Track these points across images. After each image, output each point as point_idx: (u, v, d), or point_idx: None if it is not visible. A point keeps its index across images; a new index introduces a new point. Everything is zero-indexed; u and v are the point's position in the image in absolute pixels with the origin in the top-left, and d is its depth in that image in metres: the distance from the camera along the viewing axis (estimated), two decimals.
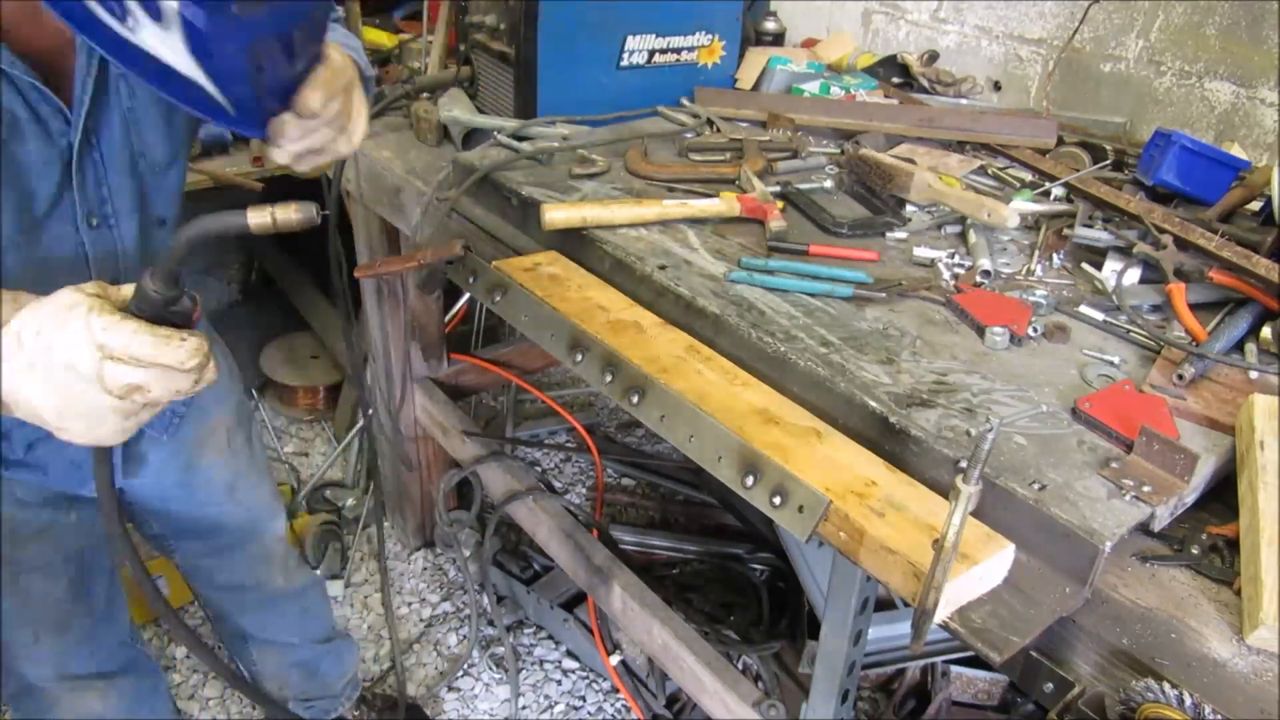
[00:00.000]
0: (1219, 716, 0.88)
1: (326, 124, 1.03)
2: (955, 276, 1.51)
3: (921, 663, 1.98)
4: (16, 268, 1.11)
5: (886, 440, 1.13)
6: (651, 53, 2.13)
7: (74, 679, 1.58)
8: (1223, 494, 1.13)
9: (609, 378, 1.25)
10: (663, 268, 1.44)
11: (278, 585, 1.89)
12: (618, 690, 2.33)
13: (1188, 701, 0.88)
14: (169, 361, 0.82)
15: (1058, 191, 1.86)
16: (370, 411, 2.60)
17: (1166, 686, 0.90)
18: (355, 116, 1.09)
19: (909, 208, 1.74)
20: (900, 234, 1.66)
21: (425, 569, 2.79)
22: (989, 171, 1.97)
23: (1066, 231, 1.68)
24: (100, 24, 0.83)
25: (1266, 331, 1.39)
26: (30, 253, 1.12)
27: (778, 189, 1.77)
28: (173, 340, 0.82)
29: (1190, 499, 1.10)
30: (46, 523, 1.41)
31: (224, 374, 1.61)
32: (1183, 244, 1.56)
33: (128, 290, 0.85)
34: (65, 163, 1.12)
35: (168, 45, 0.84)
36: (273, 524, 1.82)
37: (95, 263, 1.20)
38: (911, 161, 1.86)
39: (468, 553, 2.53)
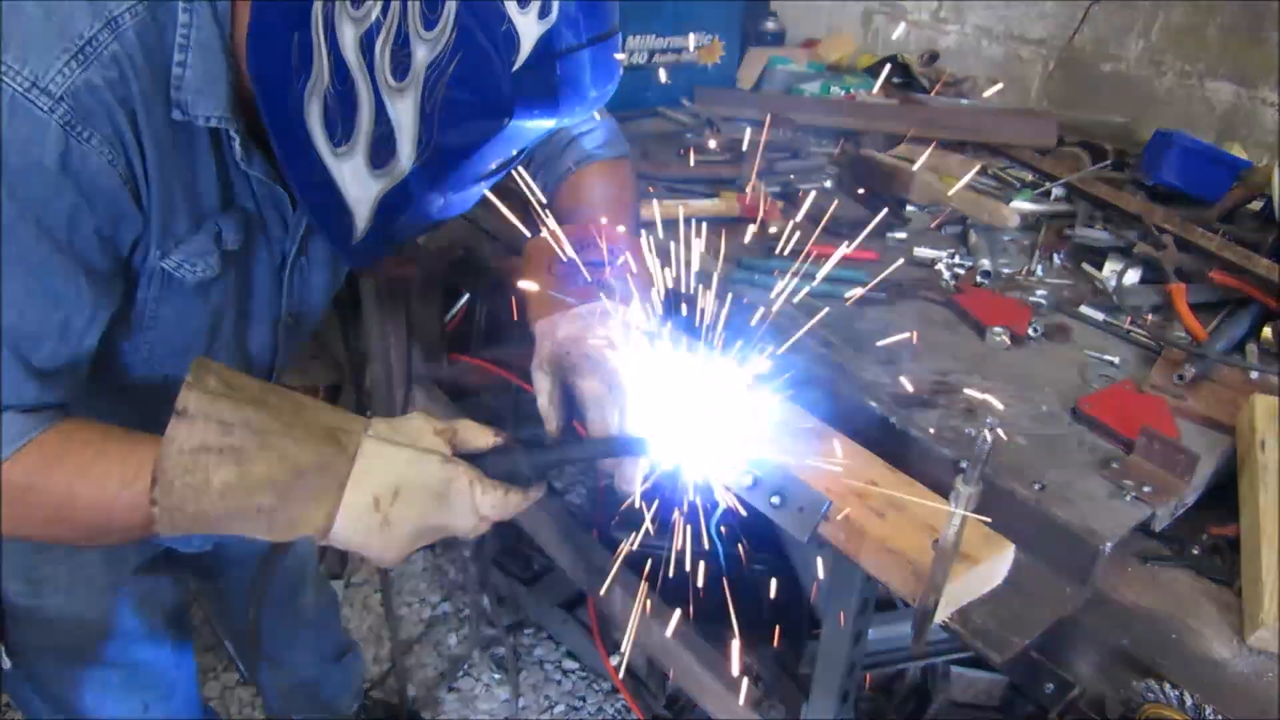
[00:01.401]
0: (1219, 717, 0.88)
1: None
2: (955, 276, 1.51)
3: (921, 663, 1.97)
4: (222, 359, 1.07)
5: (886, 440, 1.13)
6: (651, 53, 2.13)
7: None
8: (1223, 494, 1.13)
9: None
10: (662, 268, 1.44)
11: (307, 601, 1.88)
12: (618, 690, 2.33)
13: (1188, 702, 0.88)
14: (521, 512, 0.92)
15: (1058, 191, 1.86)
16: (370, 412, 2.60)
17: (1167, 687, 0.90)
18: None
19: (909, 208, 1.74)
20: (900, 234, 1.66)
21: (425, 569, 2.79)
22: (989, 171, 1.97)
23: (1067, 231, 1.68)
24: (304, 134, 0.88)
25: (1267, 331, 1.39)
26: (235, 346, 1.12)
27: (778, 189, 1.77)
28: (535, 497, 0.93)
29: (1190, 499, 1.10)
30: (148, 589, 1.38)
31: None
32: (1183, 244, 1.56)
33: (465, 439, 0.91)
34: (276, 268, 1.10)
35: (360, 182, 0.90)
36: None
37: (282, 349, 1.20)
38: (912, 161, 1.86)
39: (468, 553, 2.52)
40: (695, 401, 0.96)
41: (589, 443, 0.97)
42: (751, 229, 1.61)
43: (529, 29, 0.82)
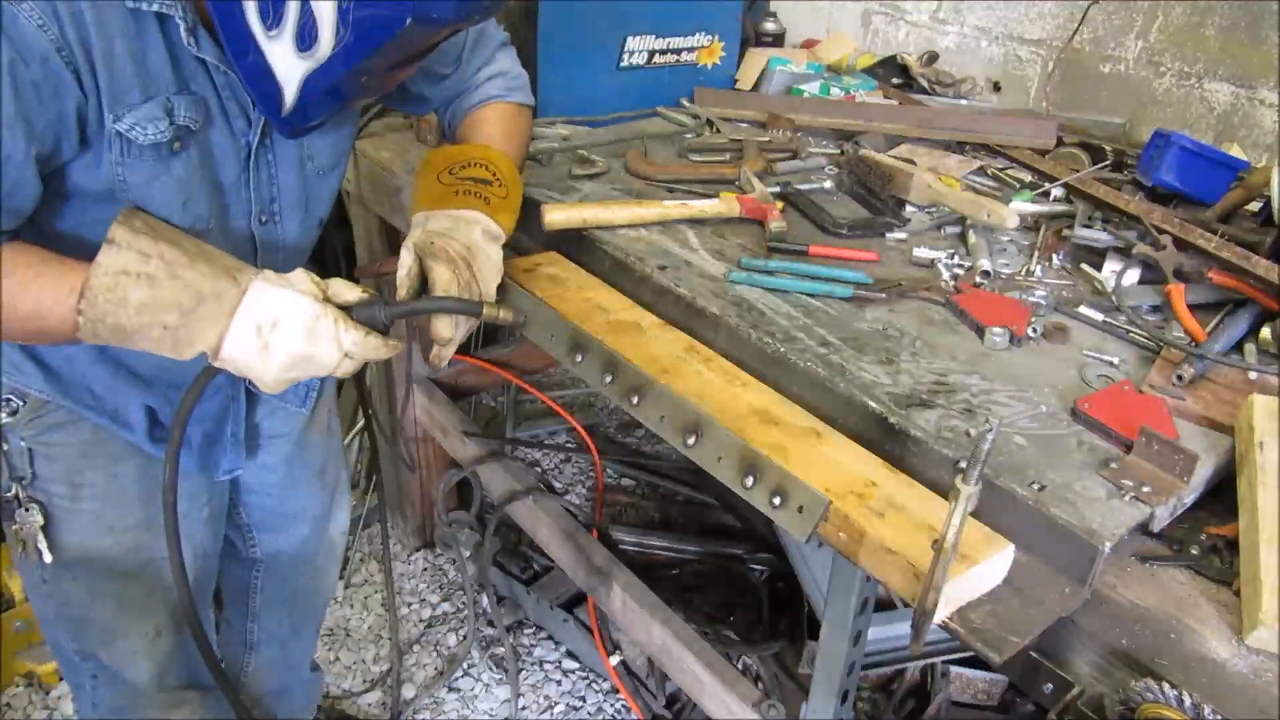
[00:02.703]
0: (1218, 717, 0.88)
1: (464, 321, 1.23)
2: (955, 277, 1.51)
3: (921, 663, 1.97)
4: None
5: (886, 440, 1.13)
6: (651, 53, 2.14)
7: (171, 689, 1.54)
8: (1222, 494, 1.13)
9: (609, 378, 1.25)
10: (663, 268, 1.44)
11: (315, 605, 1.88)
12: (618, 690, 2.33)
13: (1187, 702, 0.89)
14: (380, 358, 1.11)
15: (1057, 192, 1.86)
16: (370, 412, 2.60)
17: (1166, 687, 0.90)
18: (482, 276, 1.24)
19: (909, 208, 1.74)
20: (900, 234, 1.66)
21: (425, 569, 2.79)
22: (989, 172, 1.97)
23: (1066, 232, 1.68)
24: (241, 19, 1.03)
25: (1266, 332, 1.39)
26: (218, 239, 1.18)
27: (778, 189, 1.77)
28: (395, 348, 1.11)
29: (1190, 499, 1.10)
30: (179, 514, 1.42)
31: None
32: (1182, 244, 1.56)
33: (337, 291, 1.09)
34: (243, 160, 1.20)
35: (287, 62, 1.05)
36: (339, 515, 1.82)
37: (261, 255, 1.28)
38: (911, 162, 1.86)
39: (467, 553, 2.53)
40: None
41: (434, 300, 1.18)
42: (751, 229, 1.62)
43: None
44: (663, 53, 2.15)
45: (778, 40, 2.66)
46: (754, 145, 1.93)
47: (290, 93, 1.08)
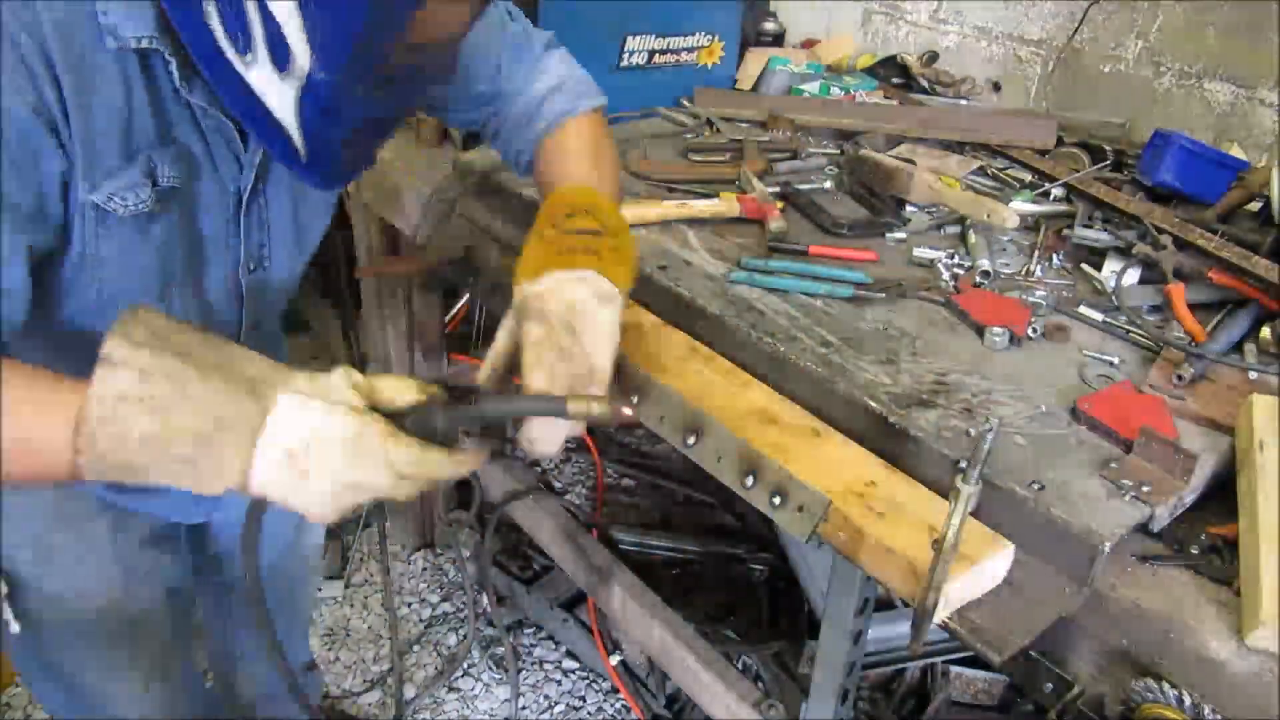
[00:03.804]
0: (1218, 716, 0.88)
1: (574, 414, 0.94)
2: (955, 277, 1.51)
3: (921, 663, 1.98)
4: (179, 309, 1.07)
5: (886, 440, 1.13)
6: (651, 53, 2.13)
7: None
8: (1222, 494, 1.13)
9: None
10: (663, 268, 1.44)
11: (300, 607, 1.86)
12: (618, 690, 2.33)
13: (1187, 701, 0.89)
14: (450, 477, 0.88)
15: (1057, 192, 1.86)
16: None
17: (1166, 686, 0.90)
18: (589, 344, 0.99)
19: (909, 208, 1.74)
20: (900, 234, 1.66)
21: (425, 569, 2.79)
22: (989, 172, 1.97)
23: (1066, 232, 1.68)
24: (215, 46, 0.87)
25: (1266, 332, 1.39)
26: (192, 292, 1.10)
27: (778, 189, 1.77)
28: (464, 463, 0.88)
29: (1190, 499, 1.10)
30: (151, 565, 1.37)
31: None
32: (1182, 244, 1.56)
33: (386, 393, 0.87)
34: (234, 208, 1.08)
35: (276, 90, 0.89)
36: (310, 531, 1.78)
37: (249, 302, 1.18)
38: (911, 162, 1.86)
39: (467, 553, 2.53)
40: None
41: (509, 399, 0.95)
42: (751, 229, 1.62)
43: None
44: (663, 53, 2.15)
45: (778, 40, 2.66)
46: (754, 145, 1.93)
47: (292, 127, 0.93)
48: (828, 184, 1.84)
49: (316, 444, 0.82)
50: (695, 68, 2.22)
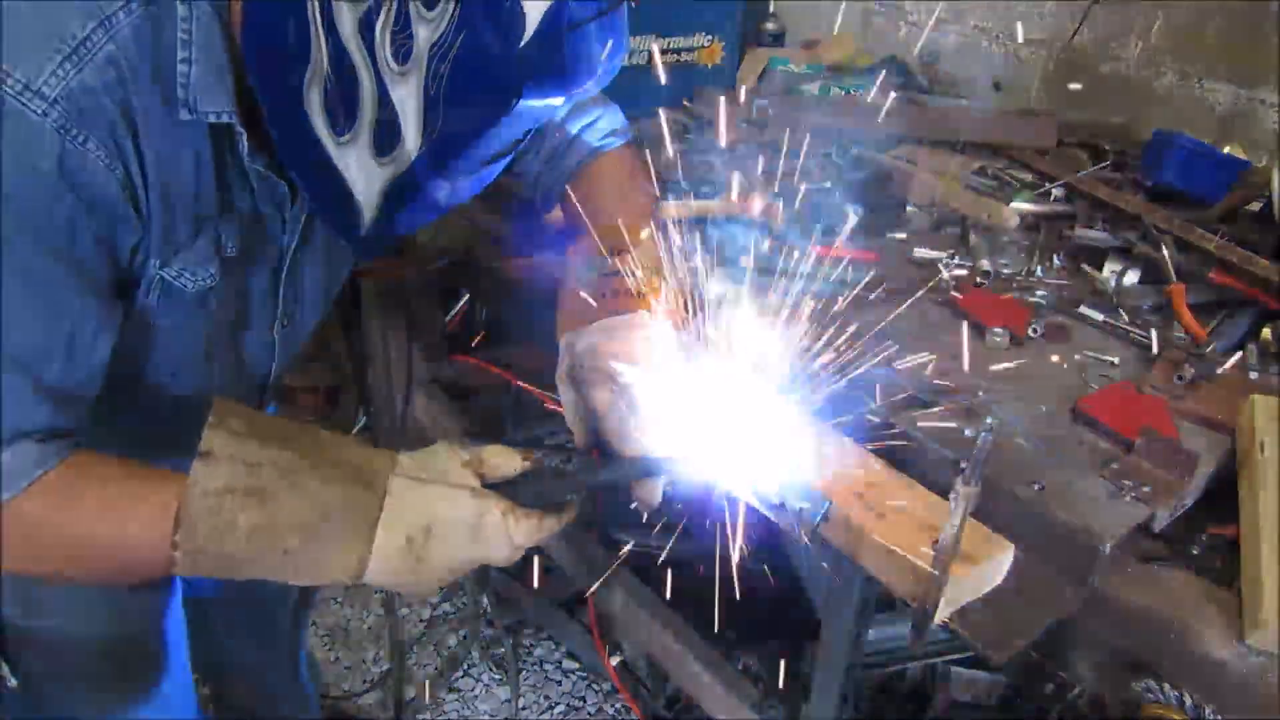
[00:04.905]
0: (1218, 717, 0.88)
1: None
2: (955, 277, 1.51)
3: (921, 663, 1.97)
4: (219, 368, 1.07)
5: (886, 440, 1.13)
6: (651, 53, 2.13)
7: None
8: (1223, 494, 1.13)
9: None
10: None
11: (281, 627, 1.86)
12: (618, 691, 2.33)
13: (1188, 702, 0.89)
14: (554, 532, 0.91)
15: (1058, 192, 1.86)
16: (371, 411, 2.60)
17: (1166, 687, 0.90)
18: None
19: (909, 208, 1.74)
20: (900, 234, 1.66)
21: None
22: (989, 172, 1.97)
23: (1066, 232, 1.68)
24: (302, 123, 0.85)
25: (1267, 332, 1.39)
26: (233, 352, 1.09)
27: (777, 189, 1.77)
28: (569, 519, 0.92)
29: (1190, 499, 1.10)
30: (140, 600, 1.33)
31: None
32: (1183, 244, 1.56)
33: (494, 465, 0.89)
34: (275, 267, 1.06)
35: (365, 170, 0.87)
36: None
37: (279, 356, 1.17)
38: (912, 162, 1.86)
39: None
40: (716, 416, 0.96)
41: (616, 464, 0.97)
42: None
43: (535, 2, 0.79)
44: (663, 53, 2.15)
45: (778, 40, 2.66)
46: (756, 145, 1.93)
47: (370, 206, 0.91)
48: (828, 184, 1.84)
49: (438, 528, 0.82)
50: (695, 68, 2.22)
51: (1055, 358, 1.31)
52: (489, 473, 0.89)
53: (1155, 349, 1.35)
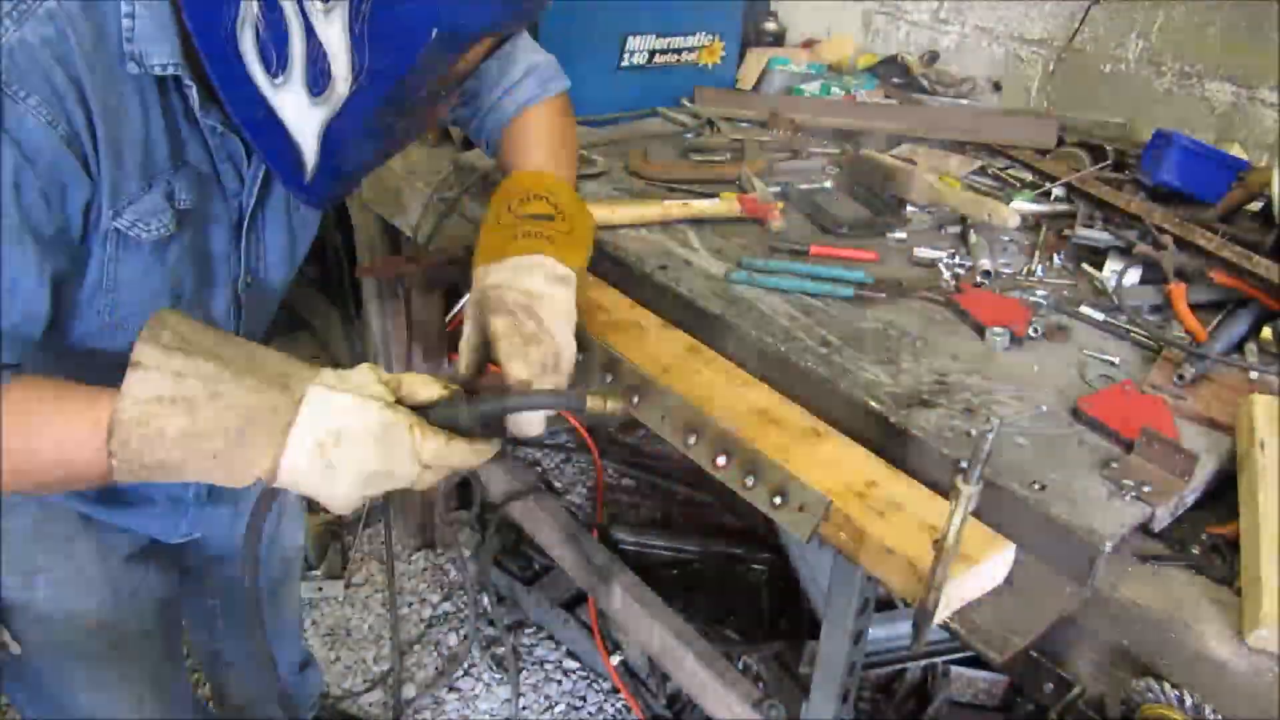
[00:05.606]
0: (1219, 717, 0.88)
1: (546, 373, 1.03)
2: (955, 277, 1.51)
3: (921, 663, 1.97)
4: None
5: (886, 440, 1.13)
6: (652, 53, 2.14)
7: None
8: (1223, 494, 1.13)
9: (609, 378, 1.25)
10: (663, 268, 1.44)
11: (288, 605, 1.85)
12: (618, 690, 2.33)
13: (1188, 702, 0.88)
14: (470, 467, 0.93)
15: (1058, 192, 1.86)
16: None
17: (1166, 686, 0.90)
18: (551, 324, 1.06)
19: (909, 208, 1.74)
20: (900, 234, 1.66)
21: (425, 569, 2.79)
22: (989, 171, 1.97)
23: (1067, 232, 1.68)
24: (239, 65, 0.89)
25: (1267, 331, 1.39)
26: (199, 310, 1.11)
27: (778, 189, 1.77)
28: (484, 452, 0.93)
29: (1190, 499, 1.10)
30: (138, 581, 1.36)
31: None
32: (1183, 244, 1.56)
33: (411, 389, 0.92)
34: (235, 224, 1.10)
35: (301, 113, 0.92)
36: (289, 532, 1.77)
37: (246, 314, 1.19)
38: (912, 162, 1.86)
39: (468, 553, 2.53)
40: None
41: (530, 395, 1.01)
42: (752, 229, 1.62)
43: None
44: (663, 52, 2.15)
45: (778, 40, 2.66)
46: (754, 145, 1.93)
47: (310, 150, 0.95)
48: (828, 184, 1.84)
49: (347, 435, 0.86)
50: (695, 67, 2.23)
51: (1056, 358, 1.32)
52: (406, 397, 0.92)
53: (1155, 349, 1.35)
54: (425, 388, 0.93)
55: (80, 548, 1.26)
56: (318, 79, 0.90)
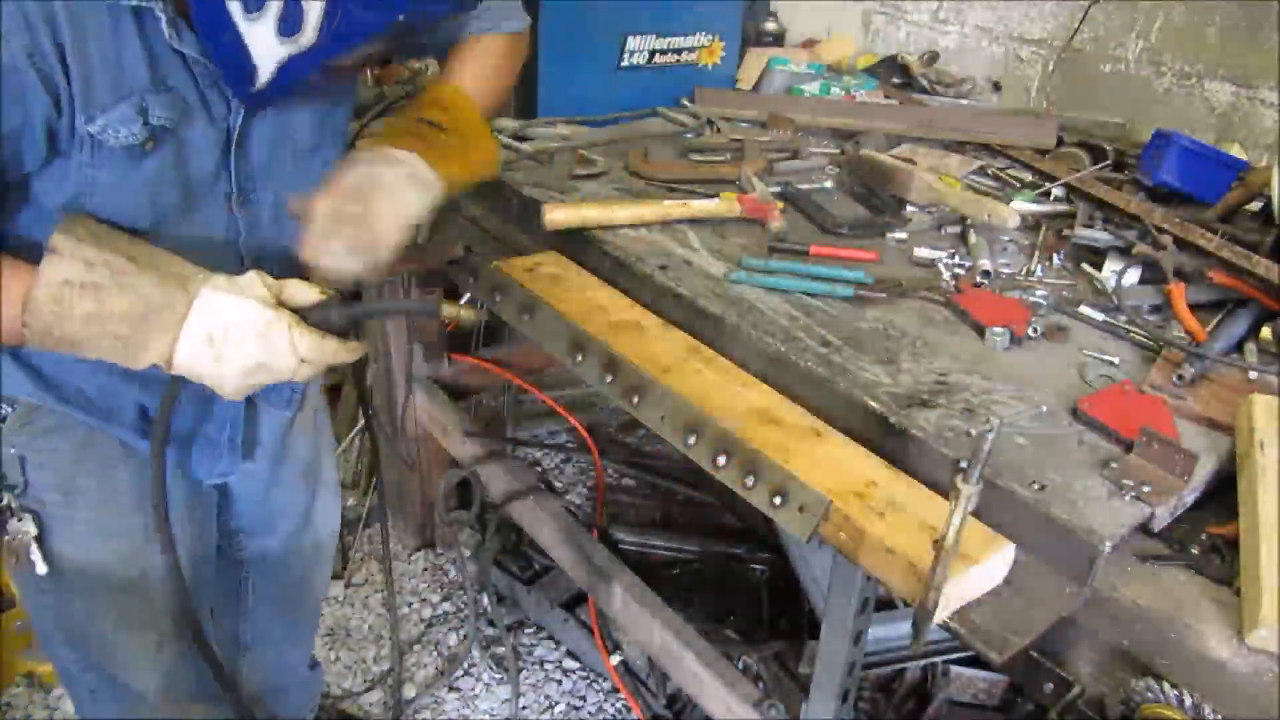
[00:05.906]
0: (1218, 716, 0.88)
1: (345, 235, 1.13)
2: (955, 277, 1.51)
3: (921, 663, 1.97)
4: (171, 244, 1.13)
5: (886, 440, 1.13)
6: (652, 53, 2.14)
7: (177, 701, 1.51)
8: (1223, 494, 1.13)
9: (609, 378, 1.25)
10: (663, 268, 1.44)
11: (312, 600, 1.85)
12: (618, 690, 2.33)
13: (1188, 701, 0.89)
14: (343, 362, 1.08)
15: (1058, 192, 1.86)
16: (371, 411, 2.59)
17: (1166, 686, 0.90)
18: (376, 214, 1.14)
19: (909, 208, 1.74)
20: (900, 234, 1.66)
21: (425, 569, 2.79)
22: (989, 172, 1.97)
23: (1066, 232, 1.68)
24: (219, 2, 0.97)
25: (1267, 331, 1.39)
26: (186, 230, 1.16)
27: (778, 189, 1.77)
28: (355, 351, 1.08)
29: (1190, 499, 1.10)
30: (174, 525, 1.34)
31: None
32: (1183, 244, 1.56)
33: (291, 293, 1.06)
34: (224, 145, 1.15)
35: (267, 47, 1.00)
36: (328, 514, 1.77)
37: (245, 239, 1.23)
38: (911, 162, 1.86)
39: (468, 553, 2.53)
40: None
41: (390, 301, 1.32)
42: (752, 229, 1.62)
43: None
44: (663, 53, 2.15)
45: (778, 40, 2.66)
46: (754, 145, 1.93)
47: (266, 72, 1.02)
48: (828, 184, 1.84)
49: (233, 329, 1.01)
50: (695, 68, 2.23)
51: (1055, 358, 1.32)
52: (287, 300, 1.05)
53: (1155, 349, 1.35)
54: (304, 292, 1.06)
55: (122, 473, 1.32)
56: (289, 24, 0.97)
